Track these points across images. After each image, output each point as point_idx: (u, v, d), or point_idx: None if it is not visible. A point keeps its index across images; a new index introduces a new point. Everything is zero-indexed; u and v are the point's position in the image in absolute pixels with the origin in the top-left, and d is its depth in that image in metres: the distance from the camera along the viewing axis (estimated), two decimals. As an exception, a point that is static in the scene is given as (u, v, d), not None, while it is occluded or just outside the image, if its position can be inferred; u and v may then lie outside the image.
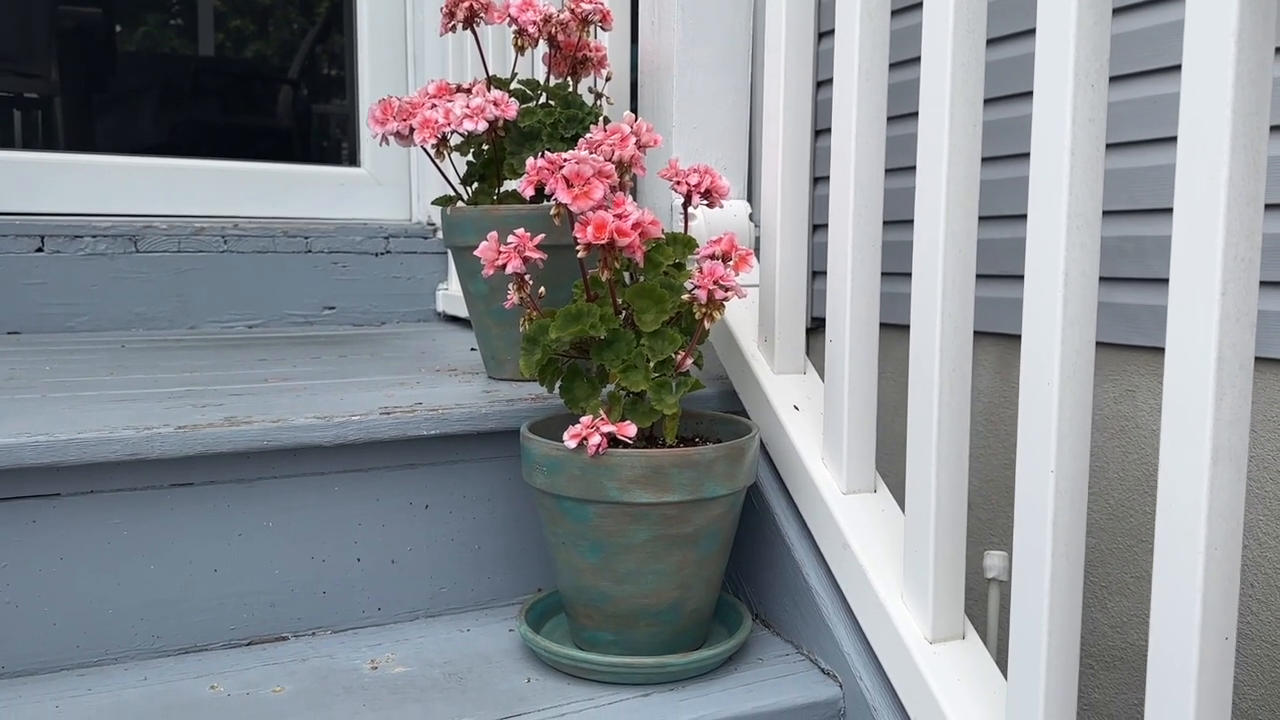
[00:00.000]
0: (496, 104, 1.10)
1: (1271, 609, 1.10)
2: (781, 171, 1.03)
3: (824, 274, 0.96)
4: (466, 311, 1.22)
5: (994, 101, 1.24)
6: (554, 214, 0.90)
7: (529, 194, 0.92)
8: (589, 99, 1.22)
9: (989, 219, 1.29)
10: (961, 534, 0.85)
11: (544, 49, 1.22)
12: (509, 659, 0.96)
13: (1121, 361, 1.21)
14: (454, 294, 1.80)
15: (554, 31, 1.19)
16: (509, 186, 1.16)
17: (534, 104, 1.18)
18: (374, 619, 1.03)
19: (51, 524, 0.92)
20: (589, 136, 1.00)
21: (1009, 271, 1.30)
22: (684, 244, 0.95)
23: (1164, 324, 0.63)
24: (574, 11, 1.18)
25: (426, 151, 1.11)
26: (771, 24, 1.03)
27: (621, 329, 0.91)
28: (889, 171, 0.94)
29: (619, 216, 0.88)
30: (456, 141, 1.14)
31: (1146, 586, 1.19)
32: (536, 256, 0.91)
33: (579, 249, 0.88)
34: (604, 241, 0.87)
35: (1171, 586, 0.63)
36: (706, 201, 0.98)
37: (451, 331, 1.72)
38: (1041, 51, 0.69)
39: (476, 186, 1.19)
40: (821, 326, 0.99)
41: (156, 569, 0.95)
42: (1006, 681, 0.76)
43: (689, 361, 0.93)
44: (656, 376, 0.90)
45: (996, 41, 1.25)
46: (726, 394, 1.12)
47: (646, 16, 1.23)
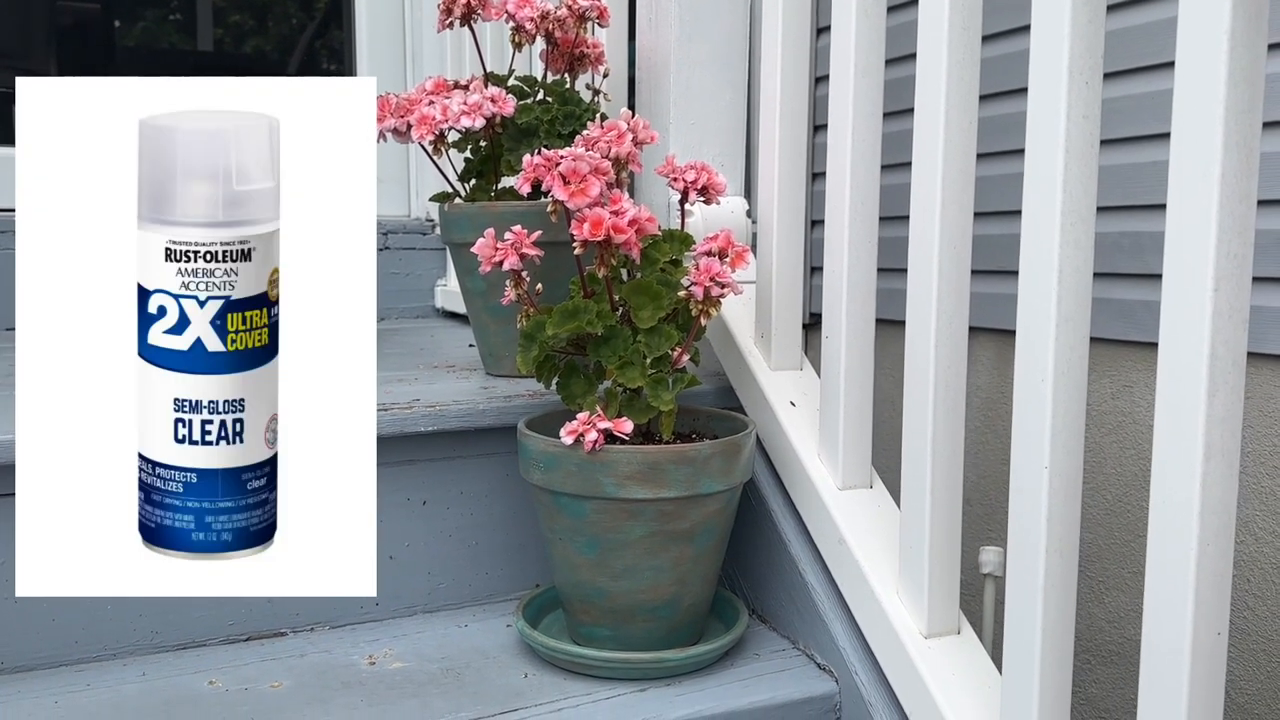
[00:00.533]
0: (494, 100, 1.10)
1: (1268, 604, 1.10)
2: (778, 168, 1.03)
3: (823, 270, 0.96)
4: (465, 308, 1.22)
5: (989, 98, 1.24)
6: (551, 211, 0.91)
7: (526, 191, 0.92)
8: (586, 95, 1.22)
9: (986, 215, 1.29)
10: (957, 530, 0.85)
11: (541, 45, 1.22)
12: (506, 654, 0.97)
13: (1118, 357, 1.22)
14: (452, 290, 1.80)
15: (551, 28, 1.19)
16: (506, 183, 1.16)
17: (531, 100, 1.18)
18: (372, 615, 1.04)
19: (50, 520, 0.92)
20: (586, 133, 1.00)
21: (1007, 267, 1.30)
22: (681, 241, 0.96)
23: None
24: (571, 8, 1.18)
25: (424, 148, 1.11)
26: (768, 21, 1.03)
27: (618, 325, 0.91)
28: (886, 167, 0.94)
29: (616, 213, 0.88)
30: (454, 138, 1.14)
31: (1143, 581, 1.19)
32: (533, 253, 0.91)
33: (576, 245, 0.88)
34: (601, 238, 0.87)
35: (1164, 582, 0.63)
36: (703, 198, 0.98)
37: (450, 328, 1.72)
38: (1036, 48, 0.69)
39: (474, 183, 1.19)
40: (819, 323, 0.99)
41: (155, 565, 0.95)
42: (1001, 676, 0.77)
43: (685, 358, 0.93)
44: (653, 373, 0.90)
45: (992, 38, 1.25)
46: (723, 390, 1.12)
47: (644, 13, 1.23)
